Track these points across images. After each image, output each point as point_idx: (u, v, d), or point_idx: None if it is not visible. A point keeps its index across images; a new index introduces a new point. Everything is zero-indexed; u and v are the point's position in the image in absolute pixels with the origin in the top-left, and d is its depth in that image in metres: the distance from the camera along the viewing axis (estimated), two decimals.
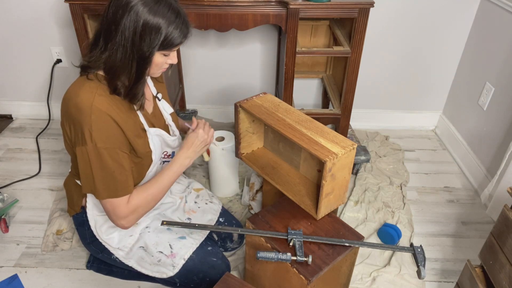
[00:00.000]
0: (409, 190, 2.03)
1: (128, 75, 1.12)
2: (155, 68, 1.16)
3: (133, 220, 1.25)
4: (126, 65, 1.10)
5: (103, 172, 1.15)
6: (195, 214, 1.54)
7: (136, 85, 1.15)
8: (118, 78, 1.13)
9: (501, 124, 1.89)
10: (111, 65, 1.11)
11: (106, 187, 1.17)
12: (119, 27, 1.05)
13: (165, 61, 1.16)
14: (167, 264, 1.35)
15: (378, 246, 1.25)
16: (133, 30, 1.05)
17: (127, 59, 1.09)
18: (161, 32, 1.06)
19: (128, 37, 1.06)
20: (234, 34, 2.20)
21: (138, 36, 1.05)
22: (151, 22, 1.05)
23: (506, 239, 1.17)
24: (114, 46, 1.07)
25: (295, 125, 1.28)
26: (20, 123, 2.48)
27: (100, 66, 1.13)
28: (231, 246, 1.63)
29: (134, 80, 1.13)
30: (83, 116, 1.10)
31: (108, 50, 1.09)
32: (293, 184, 1.40)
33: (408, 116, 2.47)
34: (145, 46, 1.07)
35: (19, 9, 2.13)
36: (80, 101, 1.11)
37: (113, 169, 1.15)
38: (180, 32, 1.10)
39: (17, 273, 1.55)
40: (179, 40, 1.11)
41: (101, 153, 1.13)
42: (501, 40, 1.89)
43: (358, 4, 1.62)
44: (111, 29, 1.07)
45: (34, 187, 2.00)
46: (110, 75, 1.13)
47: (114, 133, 1.15)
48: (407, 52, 2.24)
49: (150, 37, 1.06)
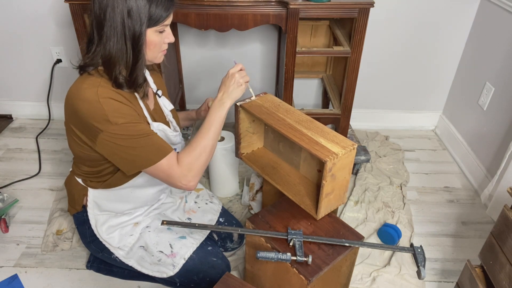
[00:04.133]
0: (409, 190, 2.03)
1: (125, 59, 1.12)
2: (154, 50, 1.17)
3: (193, 177, 1.20)
4: (121, 49, 1.11)
5: (137, 143, 1.14)
6: (195, 214, 1.54)
7: (135, 68, 1.15)
8: (116, 66, 1.13)
9: (501, 124, 1.89)
10: (107, 54, 1.11)
11: (147, 154, 1.15)
12: (106, 15, 1.07)
13: (162, 40, 1.17)
14: (168, 263, 1.35)
15: (378, 246, 1.25)
16: (120, 14, 1.07)
17: (120, 43, 1.10)
18: (145, 7, 1.08)
19: (117, 21, 1.08)
20: (234, 34, 2.20)
21: (126, 17, 1.08)
22: (135, 3, 1.07)
23: (506, 239, 1.17)
24: (107, 34, 1.09)
25: (295, 125, 1.28)
26: (20, 123, 2.48)
27: (98, 62, 1.14)
28: (231, 246, 1.63)
29: (132, 62, 1.13)
30: (92, 106, 1.10)
31: (102, 41, 1.11)
32: (293, 184, 1.40)
33: (408, 116, 2.47)
34: (135, 24, 1.09)
35: (19, 9, 2.13)
36: (85, 94, 1.11)
37: (146, 135, 1.15)
38: (163, 6, 1.11)
39: (17, 273, 1.55)
40: (165, 14, 1.12)
41: (127, 127, 1.12)
42: (501, 40, 1.89)
43: (358, 4, 1.62)
44: (100, 19, 1.09)
45: (34, 187, 2.00)
46: (108, 65, 1.13)
47: (128, 110, 1.15)
48: (407, 52, 2.24)
49: (138, 15, 1.08)
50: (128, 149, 1.14)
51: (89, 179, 1.33)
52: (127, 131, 1.12)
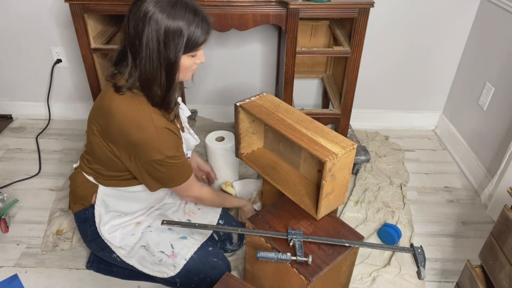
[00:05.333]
0: (409, 190, 2.03)
1: (159, 85, 1.13)
2: (185, 72, 1.18)
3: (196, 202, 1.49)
4: (156, 76, 1.11)
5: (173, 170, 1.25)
6: (195, 215, 1.55)
7: (168, 94, 1.17)
8: (152, 90, 1.14)
9: (501, 124, 1.89)
10: (144, 78, 1.12)
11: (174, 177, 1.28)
12: (142, 40, 1.06)
13: (193, 62, 1.17)
14: (168, 264, 1.35)
15: (378, 246, 1.25)
16: (156, 40, 1.06)
17: (155, 70, 1.10)
18: (183, 34, 1.07)
19: (153, 48, 1.07)
20: (234, 34, 2.20)
21: (162, 45, 1.06)
22: (172, 27, 1.05)
23: (506, 239, 1.17)
24: (142, 61, 1.09)
25: (295, 125, 1.28)
26: (20, 123, 2.48)
27: (136, 84, 1.15)
28: (230, 248, 1.63)
29: (165, 88, 1.15)
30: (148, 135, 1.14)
31: (137, 66, 1.11)
32: (293, 184, 1.40)
33: (408, 116, 2.47)
34: (171, 52, 1.08)
35: (19, 9, 2.13)
36: (140, 122, 1.14)
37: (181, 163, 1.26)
38: (202, 30, 1.10)
39: (17, 273, 1.55)
40: (203, 38, 1.12)
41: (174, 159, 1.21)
42: (501, 40, 1.89)
43: (358, 4, 1.62)
44: (135, 44, 1.08)
45: (34, 187, 2.00)
46: (145, 88, 1.15)
47: (176, 139, 1.23)
48: (407, 52, 2.24)
49: (174, 42, 1.07)
50: (163, 174, 1.24)
51: (102, 177, 1.33)
52: (172, 162, 1.22)
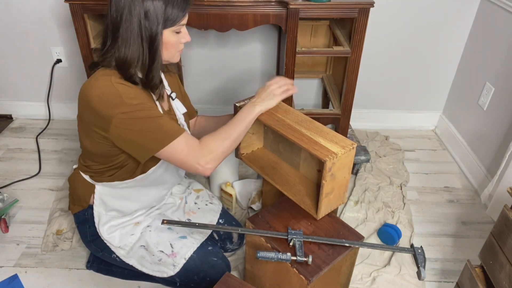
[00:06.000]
0: (409, 190, 2.03)
1: (141, 60, 1.15)
2: (171, 50, 1.19)
3: (212, 160, 1.18)
4: (137, 50, 1.13)
5: (150, 124, 1.14)
6: (195, 215, 1.54)
7: (151, 68, 1.17)
8: (131, 68, 1.15)
9: (501, 124, 1.89)
10: (122, 57, 1.14)
11: (160, 136, 1.15)
12: (123, 17, 1.10)
13: (178, 40, 1.19)
14: (168, 263, 1.35)
15: (378, 246, 1.25)
16: (137, 16, 1.10)
17: (137, 44, 1.12)
18: (161, 9, 1.11)
19: (133, 23, 1.10)
20: (234, 34, 2.20)
21: (143, 19, 1.10)
22: (152, 5, 1.10)
23: (506, 239, 1.17)
24: (122, 36, 1.12)
25: (295, 125, 1.28)
26: (20, 123, 2.48)
27: (111, 63, 1.16)
28: (230, 247, 1.63)
29: (148, 63, 1.16)
30: (106, 91, 1.13)
31: (116, 43, 1.13)
32: (293, 184, 1.40)
33: (408, 116, 2.47)
34: (152, 25, 1.11)
35: (19, 9, 2.13)
36: (98, 82, 1.14)
37: (158, 117, 1.16)
38: (178, 5, 1.13)
39: (17, 273, 1.55)
40: (181, 12, 1.14)
41: (141, 107, 1.14)
42: (501, 40, 1.89)
43: (358, 4, 1.62)
44: (117, 22, 1.11)
45: (34, 187, 2.00)
46: (122, 67, 1.15)
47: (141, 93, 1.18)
48: (407, 52, 2.24)
49: (154, 17, 1.11)
50: (141, 133, 1.14)
51: (95, 174, 1.33)
52: (140, 112, 1.13)
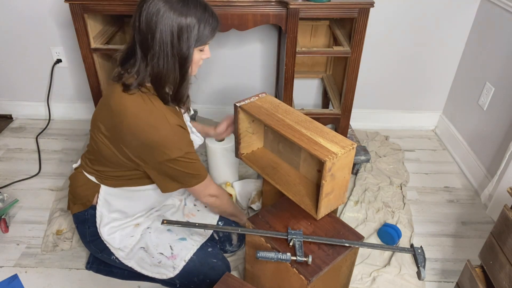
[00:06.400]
0: (409, 190, 2.03)
1: (173, 79, 1.16)
2: (193, 66, 1.21)
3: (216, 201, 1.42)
4: (170, 69, 1.14)
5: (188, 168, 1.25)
6: (194, 217, 1.54)
7: (181, 87, 1.20)
8: (165, 85, 1.17)
9: (501, 124, 1.89)
10: (156, 74, 1.15)
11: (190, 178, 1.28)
12: (155, 35, 1.09)
13: (200, 57, 1.21)
14: (168, 265, 1.35)
15: (378, 246, 1.25)
16: (170, 33, 1.10)
17: (170, 63, 1.13)
18: (194, 29, 1.12)
19: (166, 42, 1.10)
20: (234, 34, 2.20)
21: (176, 39, 1.11)
22: (185, 21, 1.10)
23: (506, 239, 1.17)
24: (155, 55, 1.12)
25: (295, 125, 1.28)
26: (20, 123, 2.48)
27: (147, 80, 1.17)
28: (230, 249, 1.62)
29: (179, 82, 1.18)
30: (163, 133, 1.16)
31: (149, 61, 1.13)
32: (293, 184, 1.40)
33: (408, 116, 2.47)
34: (184, 45, 1.12)
35: (19, 9, 2.13)
36: (155, 121, 1.16)
37: (195, 161, 1.27)
38: (210, 25, 1.15)
39: (17, 273, 1.55)
40: (212, 32, 1.16)
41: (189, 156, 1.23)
42: (501, 40, 1.89)
43: (358, 4, 1.62)
44: (147, 39, 1.11)
45: (34, 187, 2.00)
46: (157, 84, 1.17)
47: (187, 138, 1.26)
48: (407, 52, 2.24)
49: (187, 35, 1.11)
50: (183, 172, 1.24)
51: (106, 177, 1.32)
52: (190, 158, 1.23)
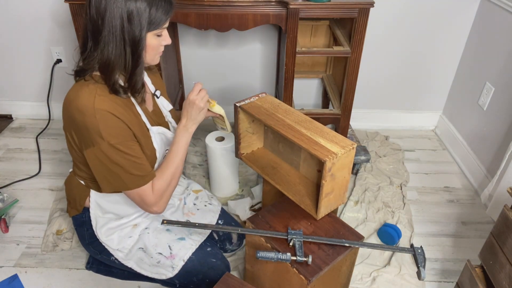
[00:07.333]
0: (409, 190, 2.03)
1: (124, 64, 1.12)
2: (151, 53, 1.17)
3: (163, 203, 1.28)
4: (120, 54, 1.10)
5: (123, 166, 1.17)
6: (194, 216, 1.54)
7: (134, 73, 1.15)
8: (114, 72, 1.13)
9: (501, 124, 1.89)
10: (105, 60, 1.11)
11: (130, 179, 1.19)
12: (105, 20, 1.06)
13: (159, 43, 1.17)
14: (167, 265, 1.35)
15: (378, 246, 1.25)
16: (119, 19, 1.07)
17: (120, 47, 1.10)
18: (146, 12, 1.08)
19: (116, 26, 1.07)
20: (234, 34, 2.20)
21: (126, 22, 1.07)
22: (134, 6, 1.07)
23: (506, 239, 1.16)
24: (105, 39, 1.08)
25: (295, 125, 1.28)
26: (20, 123, 2.48)
27: (95, 66, 1.13)
28: (230, 248, 1.63)
29: (131, 67, 1.13)
30: (87, 118, 1.10)
31: (99, 46, 1.10)
32: (293, 184, 1.40)
33: (408, 116, 2.47)
34: (136, 28, 1.09)
35: (19, 9, 2.13)
36: (81, 104, 1.11)
37: (133, 160, 1.18)
38: (163, 8, 1.11)
39: (17, 273, 1.55)
40: (165, 15, 1.12)
41: (117, 148, 1.14)
42: (501, 40, 1.89)
43: (358, 4, 1.62)
44: (98, 24, 1.08)
45: (34, 187, 2.00)
46: (106, 71, 1.13)
47: (122, 128, 1.16)
48: (407, 52, 2.24)
49: (138, 20, 1.08)
50: (110, 169, 1.17)
51: (90, 182, 1.33)
52: (115, 152, 1.14)
